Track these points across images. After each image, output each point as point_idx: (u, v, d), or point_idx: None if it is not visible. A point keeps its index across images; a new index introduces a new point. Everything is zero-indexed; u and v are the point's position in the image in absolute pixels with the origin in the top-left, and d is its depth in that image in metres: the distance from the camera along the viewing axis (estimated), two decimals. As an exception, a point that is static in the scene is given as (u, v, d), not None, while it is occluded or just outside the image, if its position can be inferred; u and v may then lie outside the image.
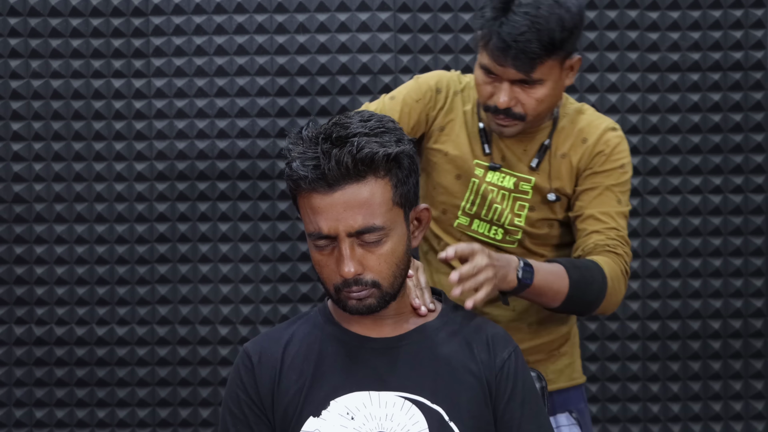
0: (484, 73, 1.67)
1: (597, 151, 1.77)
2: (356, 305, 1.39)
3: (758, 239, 2.62)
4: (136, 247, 2.64)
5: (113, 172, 2.64)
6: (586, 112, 1.82)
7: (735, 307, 2.62)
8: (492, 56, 1.62)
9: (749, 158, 2.62)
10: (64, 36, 2.62)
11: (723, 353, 2.63)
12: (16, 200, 2.63)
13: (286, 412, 1.41)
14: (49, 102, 2.62)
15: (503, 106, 1.66)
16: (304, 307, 2.64)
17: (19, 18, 2.61)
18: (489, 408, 1.42)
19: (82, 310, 2.64)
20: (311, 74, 2.62)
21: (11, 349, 2.64)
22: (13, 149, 2.62)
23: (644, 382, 2.64)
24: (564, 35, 1.60)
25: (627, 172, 1.79)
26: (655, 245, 2.63)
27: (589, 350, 2.63)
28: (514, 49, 1.58)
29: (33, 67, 2.62)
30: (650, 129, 2.62)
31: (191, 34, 2.63)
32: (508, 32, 1.58)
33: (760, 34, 2.61)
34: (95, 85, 2.63)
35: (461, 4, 2.62)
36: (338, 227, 1.33)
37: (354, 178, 1.32)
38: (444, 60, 2.61)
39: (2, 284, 2.64)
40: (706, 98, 2.62)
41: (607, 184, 1.75)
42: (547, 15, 1.58)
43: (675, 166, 2.62)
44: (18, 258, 2.63)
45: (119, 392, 2.64)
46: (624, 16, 2.62)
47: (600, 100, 2.62)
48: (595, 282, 1.61)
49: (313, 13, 2.63)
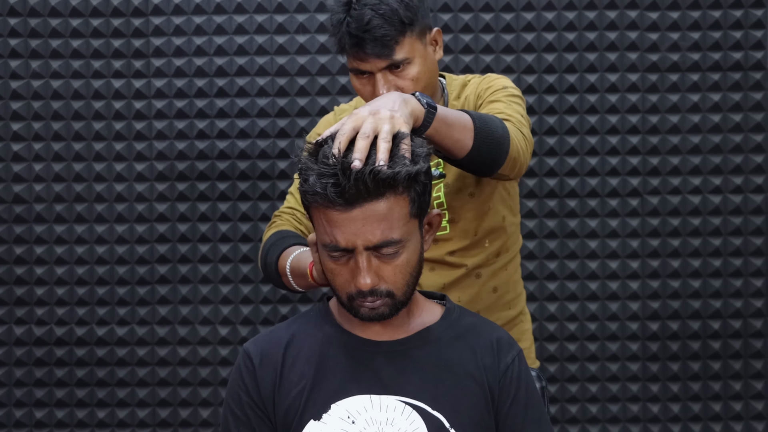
0: (357, 76, 1.71)
1: (481, 88, 1.80)
2: (369, 313, 1.38)
3: (758, 239, 2.62)
4: (136, 247, 2.64)
5: (113, 172, 2.64)
6: (471, 80, 1.85)
7: (735, 307, 2.62)
8: (352, 54, 1.67)
9: (749, 158, 2.62)
10: (64, 36, 2.62)
11: (723, 353, 2.63)
12: (16, 200, 2.63)
13: (287, 415, 1.41)
14: (49, 102, 2.62)
15: (383, 92, 1.67)
16: (304, 307, 2.64)
17: (19, 18, 2.61)
18: (491, 414, 1.42)
19: (82, 310, 2.64)
20: (311, 74, 2.62)
21: (11, 350, 2.64)
22: (13, 149, 2.62)
23: (644, 382, 2.64)
24: (410, 12, 1.65)
25: (513, 93, 1.79)
26: (655, 245, 2.63)
27: (589, 350, 2.63)
28: (368, 39, 1.63)
29: (33, 68, 2.62)
30: (650, 129, 2.62)
31: (191, 35, 2.63)
32: (356, 26, 1.63)
33: (759, 34, 2.61)
34: (95, 86, 2.63)
35: (461, 4, 2.62)
36: (356, 241, 1.32)
37: (374, 196, 1.31)
38: (444, 60, 2.61)
39: (2, 284, 2.64)
40: (706, 98, 2.62)
41: (491, 99, 1.78)
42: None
43: (675, 166, 2.63)
44: (18, 258, 2.63)
45: (119, 392, 2.64)
46: (624, 17, 2.62)
47: (600, 101, 2.62)
48: (497, 127, 1.60)
49: (313, 14, 2.63)
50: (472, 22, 2.62)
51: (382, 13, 1.64)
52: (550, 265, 2.63)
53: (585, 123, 2.62)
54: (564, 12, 2.61)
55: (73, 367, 2.64)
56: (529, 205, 2.63)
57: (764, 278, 2.63)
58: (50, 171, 2.63)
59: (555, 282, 2.63)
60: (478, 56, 2.62)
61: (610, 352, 2.63)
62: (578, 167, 2.62)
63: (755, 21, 2.60)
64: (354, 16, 1.64)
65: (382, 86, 1.68)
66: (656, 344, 2.63)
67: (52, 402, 2.64)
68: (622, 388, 2.64)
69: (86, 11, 2.61)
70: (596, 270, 2.63)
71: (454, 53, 2.62)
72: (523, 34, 2.62)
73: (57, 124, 2.62)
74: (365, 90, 1.71)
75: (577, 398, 2.64)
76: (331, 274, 1.38)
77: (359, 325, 1.45)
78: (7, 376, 2.64)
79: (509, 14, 2.62)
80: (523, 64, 2.62)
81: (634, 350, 2.63)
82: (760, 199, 2.62)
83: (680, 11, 2.61)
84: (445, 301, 1.54)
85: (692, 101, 2.62)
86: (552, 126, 2.62)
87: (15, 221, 2.63)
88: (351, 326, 1.46)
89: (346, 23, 1.65)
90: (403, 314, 1.46)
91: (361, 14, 1.63)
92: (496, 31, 2.62)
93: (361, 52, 1.65)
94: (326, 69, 2.62)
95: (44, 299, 2.64)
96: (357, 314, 1.39)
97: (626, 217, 2.63)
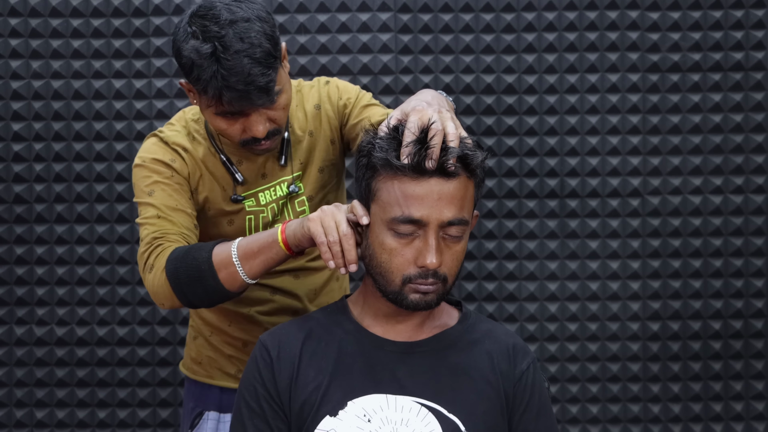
0: (226, 119, 1.59)
1: (340, 105, 1.78)
2: (418, 299, 1.38)
3: (759, 240, 2.62)
4: (137, 247, 2.64)
5: (114, 172, 2.64)
6: (304, 86, 1.83)
7: (736, 307, 2.62)
8: (233, 105, 1.54)
9: (750, 159, 2.62)
10: (65, 37, 2.62)
11: (724, 354, 2.63)
12: (16, 201, 2.63)
13: (303, 409, 1.40)
14: (49, 102, 2.62)
15: (263, 135, 1.61)
16: (305, 307, 2.64)
17: (20, 18, 2.61)
18: (504, 419, 1.42)
19: (83, 310, 2.64)
20: (312, 75, 2.62)
21: (12, 350, 2.64)
22: (14, 150, 2.63)
23: (645, 382, 2.64)
24: (273, 43, 1.54)
25: (366, 93, 1.81)
26: (656, 246, 2.63)
27: (590, 350, 2.63)
28: (252, 90, 1.52)
29: (34, 68, 2.62)
30: (651, 129, 2.62)
31: (192, 35, 2.63)
32: (236, 80, 1.50)
33: (760, 34, 2.61)
34: (96, 86, 2.63)
35: (462, 4, 2.62)
36: (431, 215, 1.34)
37: (450, 173, 1.35)
38: (444, 61, 2.61)
39: (3, 285, 2.64)
40: (707, 99, 2.62)
41: (362, 105, 1.78)
42: (254, 39, 1.51)
43: (675, 166, 2.63)
44: (19, 258, 2.63)
45: (120, 393, 2.64)
46: (625, 17, 2.62)
47: (601, 101, 2.62)
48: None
49: (314, 14, 2.63)
50: (473, 22, 2.62)
51: (258, 58, 1.50)
52: (551, 265, 2.63)
53: (586, 123, 2.62)
54: (565, 12, 2.61)
55: (74, 367, 2.64)
56: (529, 205, 2.63)
57: (765, 279, 2.63)
58: (51, 171, 2.63)
59: (556, 282, 2.63)
60: (479, 56, 2.62)
61: (610, 352, 2.63)
62: (579, 168, 2.62)
63: (756, 21, 2.60)
64: (229, 67, 1.49)
65: (260, 125, 1.59)
66: (657, 344, 2.63)
67: (53, 402, 2.64)
68: (622, 389, 2.64)
69: (87, 11, 2.62)
70: (597, 270, 2.63)
71: (454, 53, 2.62)
72: (524, 34, 2.62)
73: (58, 124, 2.62)
74: (234, 130, 1.61)
75: (577, 398, 2.64)
76: (389, 255, 1.37)
77: (379, 324, 1.46)
78: (8, 376, 2.64)
79: (510, 14, 2.62)
80: (524, 64, 2.62)
81: (635, 350, 2.63)
82: (761, 199, 2.62)
83: (681, 11, 2.61)
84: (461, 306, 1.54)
85: (693, 101, 2.62)
86: (553, 126, 2.62)
87: (16, 221, 2.63)
88: (370, 325, 1.46)
89: (222, 77, 1.49)
90: (424, 316, 1.47)
91: (239, 65, 1.49)
92: (497, 32, 2.62)
93: (245, 102, 1.54)
94: (327, 69, 2.62)
95: (45, 299, 2.64)
96: (404, 301, 1.39)
97: (627, 218, 2.63)
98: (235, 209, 1.75)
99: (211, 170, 1.73)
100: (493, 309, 2.63)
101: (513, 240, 2.63)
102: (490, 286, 2.63)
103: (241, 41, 1.50)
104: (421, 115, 1.39)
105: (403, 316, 1.45)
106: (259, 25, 1.52)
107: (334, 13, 2.62)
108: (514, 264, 2.63)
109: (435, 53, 2.62)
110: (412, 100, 1.46)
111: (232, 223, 1.76)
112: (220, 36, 1.50)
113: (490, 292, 2.63)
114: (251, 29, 1.51)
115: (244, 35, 1.50)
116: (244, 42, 1.50)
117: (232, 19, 1.51)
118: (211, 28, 1.50)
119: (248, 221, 1.75)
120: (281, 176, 1.77)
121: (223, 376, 1.88)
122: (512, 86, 2.62)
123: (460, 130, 1.40)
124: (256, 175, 1.75)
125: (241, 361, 1.86)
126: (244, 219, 1.75)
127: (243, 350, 1.86)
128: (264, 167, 1.76)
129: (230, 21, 1.51)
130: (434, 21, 2.62)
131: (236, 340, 1.85)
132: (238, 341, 1.85)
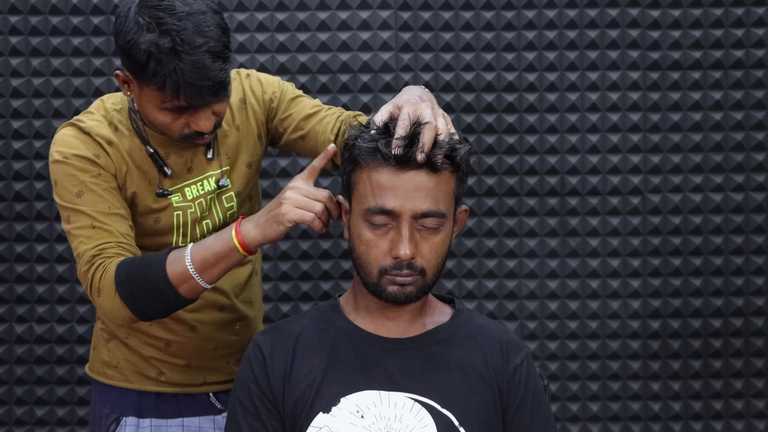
0: (172, 113, 1.54)
1: (266, 99, 1.76)
2: (396, 292, 1.39)
3: (759, 238, 2.62)
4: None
5: (114, 170, 2.63)
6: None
7: (736, 305, 2.62)
8: (191, 100, 1.50)
9: (750, 157, 2.62)
10: (65, 34, 2.62)
11: (724, 352, 2.63)
12: (16, 198, 2.63)
13: (296, 407, 1.41)
14: (50, 100, 2.62)
15: (210, 129, 1.58)
16: (305, 305, 2.64)
17: (20, 16, 2.61)
18: (498, 414, 1.42)
19: (83, 308, 2.64)
20: (312, 72, 2.62)
21: (12, 347, 2.64)
22: (14, 147, 2.62)
23: (645, 380, 2.64)
24: (227, 35, 1.51)
25: (288, 84, 1.81)
26: (656, 243, 2.62)
27: (590, 348, 2.63)
28: (212, 86, 1.48)
29: (34, 65, 2.62)
30: (651, 127, 2.62)
31: (192, 33, 2.63)
32: (197, 76, 1.46)
33: (761, 32, 2.61)
34: (96, 84, 2.63)
35: (462, 2, 2.62)
36: (404, 206, 1.35)
37: (430, 166, 1.36)
38: (445, 58, 2.61)
39: (3, 282, 2.64)
40: (707, 96, 2.62)
41: (289, 98, 1.77)
42: (211, 33, 1.47)
43: (676, 164, 2.62)
44: (19, 256, 2.63)
45: (120, 390, 2.64)
46: (625, 14, 2.62)
47: (601, 99, 2.62)
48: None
49: (314, 11, 2.62)
50: (473, 19, 2.62)
51: (218, 53, 1.47)
52: (551, 263, 2.63)
53: (586, 121, 2.62)
54: (565, 10, 2.61)
55: (74, 365, 2.64)
56: (530, 203, 2.63)
57: (765, 276, 2.62)
58: (51, 169, 2.63)
59: (556, 280, 2.63)
60: (479, 54, 2.61)
61: (611, 350, 2.63)
62: (579, 165, 2.62)
63: (757, 19, 2.60)
64: (189, 62, 1.45)
65: (207, 120, 1.56)
66: (657, 342, 2.63)
67: (53, 400, 2.64)
68: (623, 387, 2.64)
69: (87, 9, 2.61)
70: (597, 268, 2.63)
71: (454, 51, 2.62)
72: (524, 32, 2.62)
73: (58, 122, 2.62)
74: (178, 125, 1.57)
75: (578, 396, 2.64)
76: (366, 246, 1.38)
77: (370, 321, 1.46)
78: (8, 374, 2.64)
79: (510, 12, 2.61)
80: (525, 62, 2.61)
81: (635, 348, 2.63)
82: (762, 197, 2.62)
83: (681, 9, 2.61)
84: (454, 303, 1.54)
85: (693, 99, 2.62)
86: (553, 124, 2.62)
87: (16, 219, 2.63)
88: (362, 322, 1.46)
89: (180, 71, 1.45)
90: (415, 312, 1.47)
91: (200, 60, 1.45)
92: (498, 29, 2.62)
93: (199, 98, 1.49)
94: (327, 67, 2.62)
95: (45, 297, 2.64)
96: (383, 293, 1.39)
97: (627, 215, 2.63)
98: (162, 206, 1.68)
99: (138, 163, 1.66)
100: (494, 307, 2.63)
101: (513, 238, 2.63)
102: (491, 284, 2.63)
103: (200, 35, 1.46)
104: (415, 108, 1.39)
105: (393, 312, 1.45)
106: (212, 16, 1.50)
107: (334, 11, 2.62)
108: (515, 262, 2.63)
109: (435, 51, 2.62)
110: (404, 95, 1.47)
111: (158, 221, 1.69)
112: (179, 29, 1.46)
113: (491, 289, 2.63)
114: (208, 22, 1.48)
115: (201, 29, 1.47)
116: (202, 36, 1.46)
117: (188, 11, 1.47)
118: (167, 20, 1.46)
119: (176, 217, 1.69)
120: (208, 170, 1.72)
121: (143, 380, 1.78)
122: (512, 84, 2.62)
123: (450, 126, 1.40)
124: (182, 168, 1.70)
125: (162, 362, 1.77)
126: (171, 216, 1.69)
127: (165, 350, 1.76)
128: (191, 161, 1.71)
129: (187, 13, 1.47)
130: (434, 18, 2.61)
131: (158, 340, 1.76)
132: (161, 341, 1.76)
